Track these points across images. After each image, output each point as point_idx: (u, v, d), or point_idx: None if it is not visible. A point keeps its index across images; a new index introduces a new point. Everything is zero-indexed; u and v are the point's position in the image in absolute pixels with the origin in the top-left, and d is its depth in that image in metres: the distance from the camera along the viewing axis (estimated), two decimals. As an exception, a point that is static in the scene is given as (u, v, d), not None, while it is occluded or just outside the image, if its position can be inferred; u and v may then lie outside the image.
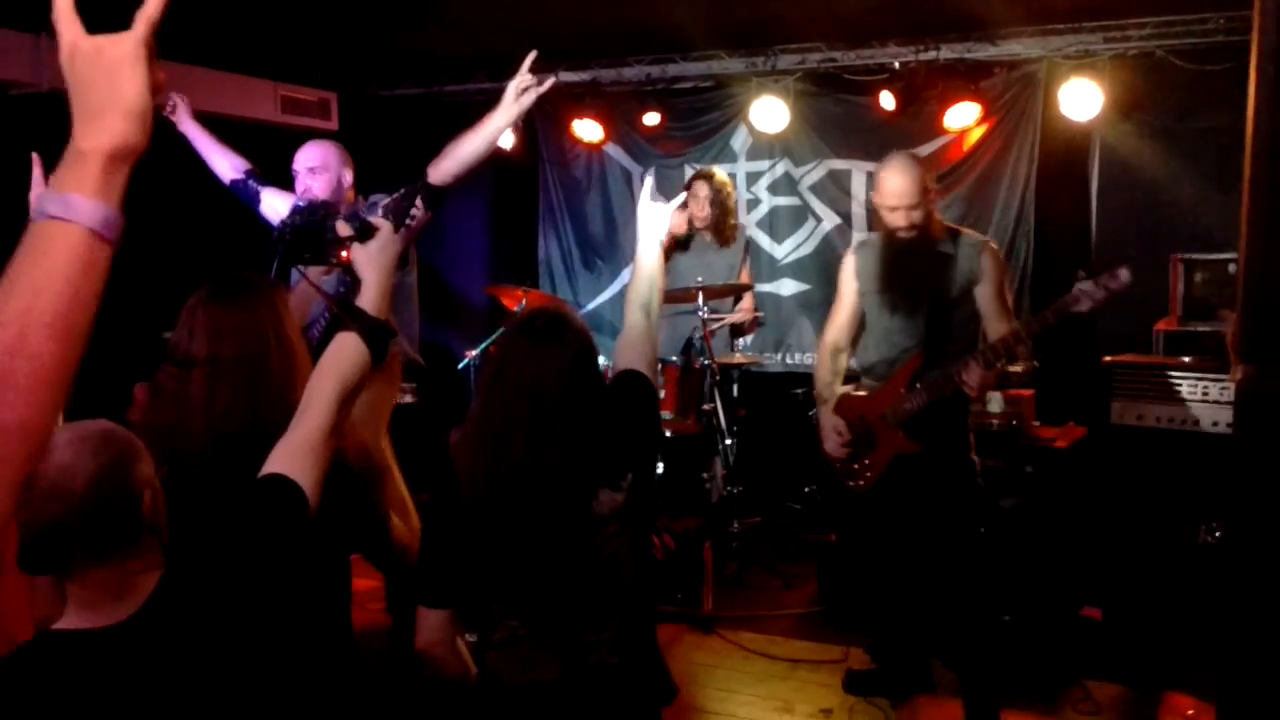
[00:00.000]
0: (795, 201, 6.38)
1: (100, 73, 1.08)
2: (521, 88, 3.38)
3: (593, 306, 6.96)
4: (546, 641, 2.17)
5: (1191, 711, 3.51)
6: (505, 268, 7.20)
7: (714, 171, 5.87)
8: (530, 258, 7.19)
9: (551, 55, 5.51)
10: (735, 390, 5.76)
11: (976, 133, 5.82)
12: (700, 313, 5.29)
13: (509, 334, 2.26)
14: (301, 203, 3.74)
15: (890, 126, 5.91)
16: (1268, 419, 1.63)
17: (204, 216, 4.62)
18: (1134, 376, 4.40)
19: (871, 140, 5.77)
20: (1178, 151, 5.29)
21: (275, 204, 3.93)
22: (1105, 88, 5.26)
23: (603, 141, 6.71)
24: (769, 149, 6.37)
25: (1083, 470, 4.42)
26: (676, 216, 5.81)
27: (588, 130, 6.60)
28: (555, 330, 2.20)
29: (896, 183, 3.55)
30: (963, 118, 5.72)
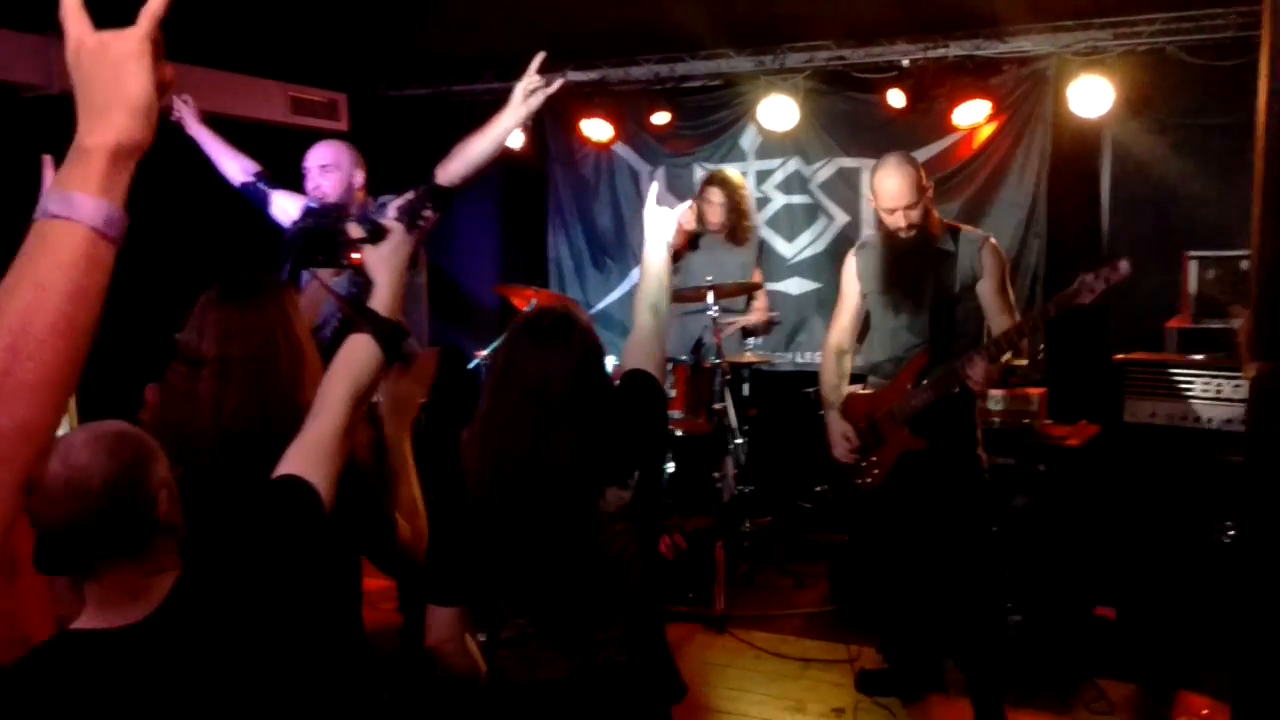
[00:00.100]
0: (806, 200, 6.37)
1: (105, 69, 1.07)
2: (530, 89, 3.38)
3: (602, 306, 6.95)
4: (555, 639, 2.17)
5: (1205, 710, 3.49)
6: (515, 267, 7.20)
7: (728, 175, 5.86)
8: (540, 257, 7.20)
9: (560, 55, 5.51)
10: (746, 389, 5.75)
11: (986, 130, 5.80)
12: (711, 312, 5.28)
13: (515, 334, 2.27)
14: (314, 203, 3.75)
15: (899, 124, 5.90)
16: (1281, 416, 1.62)
17: (216, 218, 4.63)
18: (1146, 374, 4.38)
19: (881, 138, 5.75)
20: (1189, 148, 5.27)
21: (285, 206, 3.93)
22: (1115, 84, 5.24)
23: (612, 141, 6.70)
24: (779, 147, 6.36)
25: (1095, 469, 4.41)
26: (687, 214, 5.82)
27: (596, 130, 6.60)
28: (561, 330, 2.21)
29: (893, 184, 3.57)
30: (972, 115, 5.70)
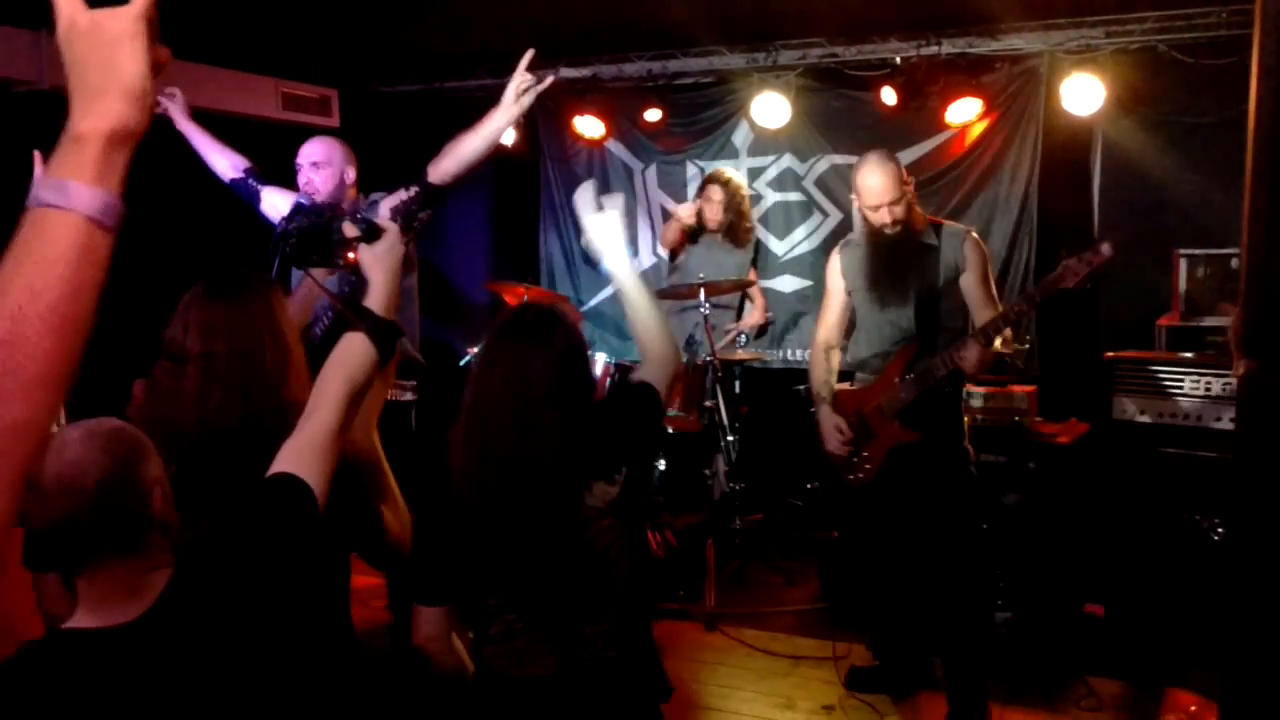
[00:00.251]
0: (799, 197, 6.37)
1: (98, 50, 1.02)
2: (522, 88, 3.38)
3: (594, 303, 6.95)
4: (542, 635, 2.17)
5: (1194, 708, 3.50)
6: (506, 264, 7.19)
7: (728, 175, 5.88)
8: (531, 254, 7.19)
9: (552, 51, 5.52)
10: (737, 387, 5.76)
11: (978, 128, 5.81)
12: (703, 309, 5.28)
13: (498, 331, 2.28)
14: (305, 200, 3.74)
15: (892, 122, 5.90)
16: (1270, 414, 1.62)
17: (205, 213, 4.62)
18: (1136, 372, 4.39)
19: (873, 136, 5.75)
20: (1180, 146, 5.28)
21: (276, 202, 3.92)
22: (1107, 82, 5.25)
23: (604, 138, 6.70)
24: (771, 145, 6.35)
25: (1085, 466, 4.42)
26: (687, 210, 5.82)
27: (589, 126, 6.59)
28: (543, 326, 2.22)
29: (875, 181, 3.61)
30: (964, 113, 5.70)
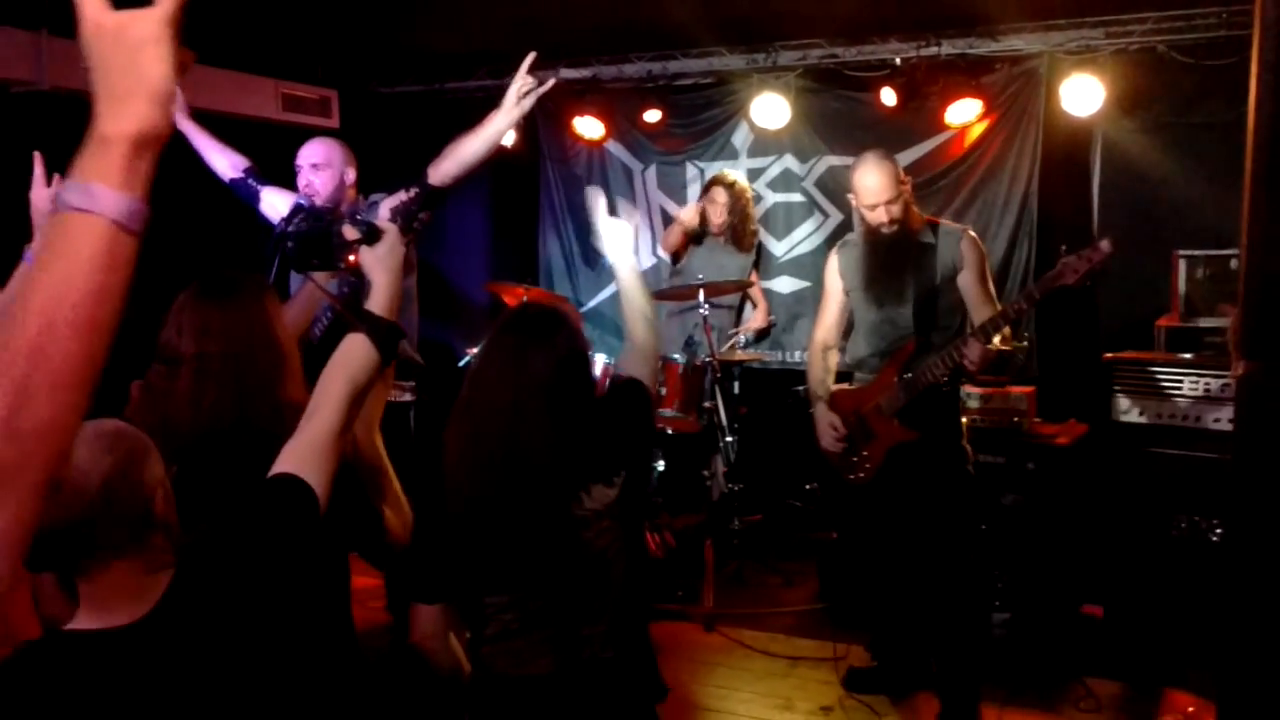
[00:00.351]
0: (798, 198, 6.36)
1: (123, 53, 1.01)
2: (523, 91, 3.38)
3: (594, 304, 6.95)
4: (540, 635, 2.17)
5: (1192, 709, 3.50)
6: (506, 265, 7.19)
7: (733, 178, 5.88)
8: (531, 255, 7.18)
9: (552, 52, 5.52)
10: (736, 388, 5.76)
11: (978, 129, 5.80)
12: (702, 310, 5.28)
13: (499, 329, 2.28)
14: (304, 201, 3.74)
15: (891, 123, 5.90)
16: (1269, 415, 1.62)
17: (205, 213, 4.62)
18: (1135, 373, 4.39)
19: (873, 137, 5.74)
20: (1179, 147, 5.28)
21: (276, 202, 3.92)
22: (1107, 83, 5.24)
23: (604, 138, 6.69)
24: (771, 145, 6.34)
25: (1084, 467, 4.42)
26: (689, 212, 5.82)
27: (588, 127, 6.58)
28: (546, 327, 2.22)
29: (872, 180, 3.63)
30: (964, 114, 5.70)
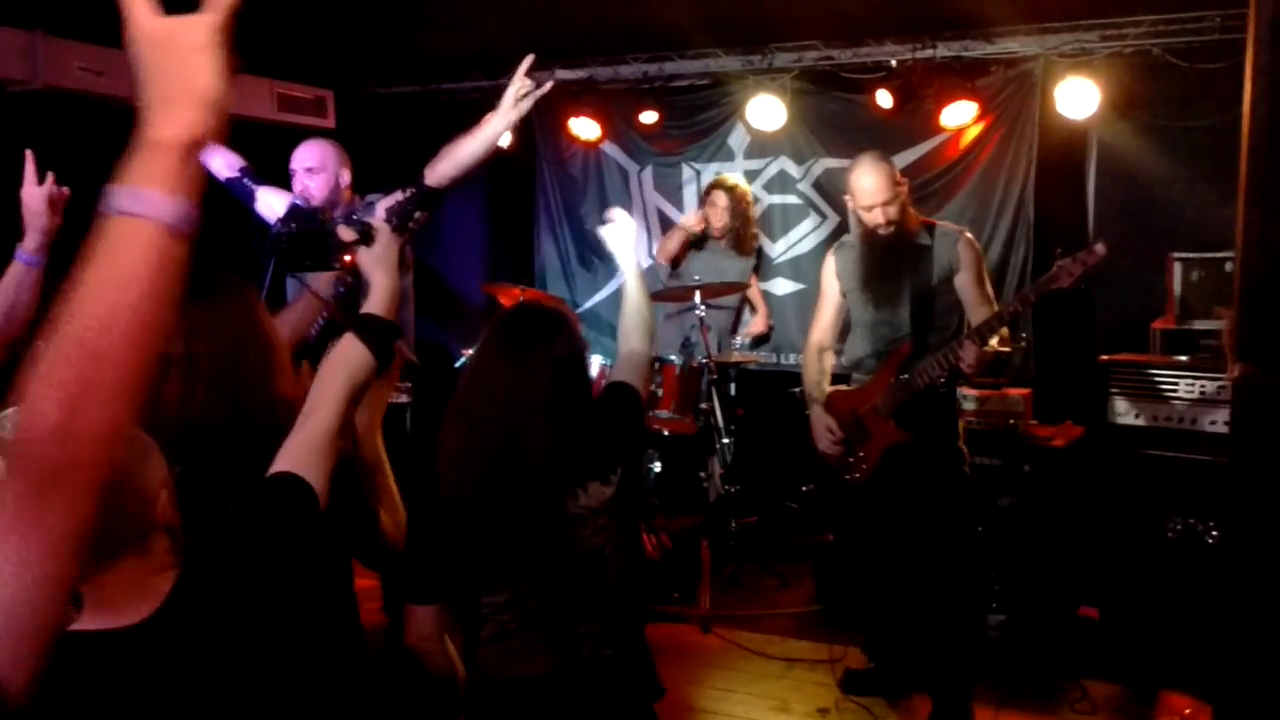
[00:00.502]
0: (793, 200, 6.37)
1: (172, 60, 1.01)
2: (521, 93, 3.38)
3: (590, 305, 6.95)
4: (537, 634, 2.17)
5: (1188, 710, 3.51)
6: (502, 266, 7.19)
7: (733, 182, 5.88)
8: (527, 256, 7.18)
9: (548, 53, 5.51)
10: (733, 389, 5.76)
11: (973, 131, 5.81)
12: (698, 311, 5.28)
13: (497, 327, 2.29)
14: (300, 201, 3.73)
15: (887, 125, 5.90)
16: (1264, 417, 1.63)
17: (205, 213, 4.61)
18: (1131, 375, 4.39)
19: (869, 138, 5.75)
20: (1174, 150, 5.29)
21: (271, 202, 3.91)
22: (1102, 86, 5.25)
23: (600, 140, 6.69)
24: (767, 147, 6.35)
25: (1080, 469, 4.42)
26: (693, 219, 5.82)
27: (585, 129, 6.58)
28: (544, 327, 2.22)
29: (869, 181, 3.64)
30: (960, 116, 5.71)
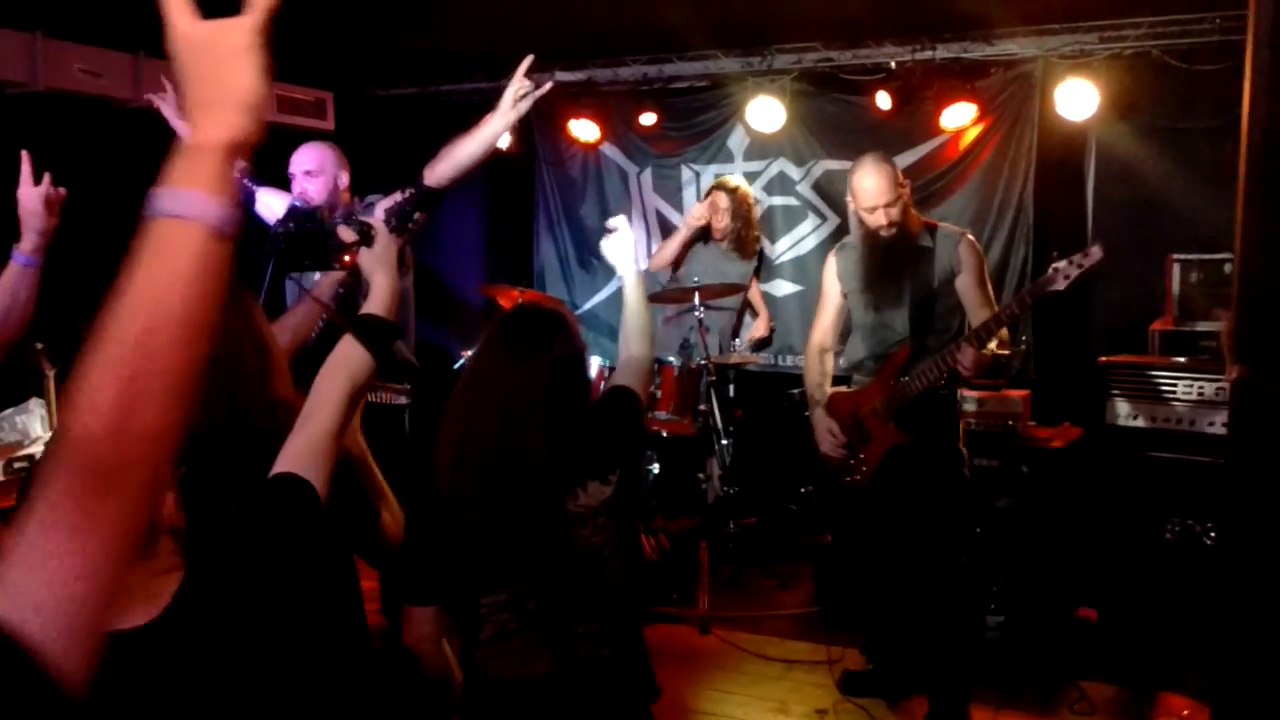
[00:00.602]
0: (793, 201, 6.37)
1: (213, 64, 1.03)
2: (519, 94, 3.38)
3: (589, 307, 6.95)
4: (536, 635, 2.17)
5: (1186, 712, 3.51)
6: (501, 268, 7.19)
7: (735, 184, 5.87)
8: (526, 258, 7.19)
9: (547, 55, 5.51)
10: (731, 390, 5.76)
11: (973, 132, 5.81)
12: (697, 312, 5.28)
13: (497, 328, 2.29)
14: (300, 203, 3.74)
15: (886, 126, 5.91)
16: (1263, 419, 1.62)
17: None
18: (1129, 376, 4.39)
19: (868, 141, 5.75)
20: (1173, 151, 5.29)
21: (271, 203, 3.91)
22: (1101, 87, 5.26)
23: (599, 141, 6.69)
24: (766, 149, 6.36)
25: (1078, 471, 4.42)
26: (701, 212, 5.81)
27: (584, 130, 6.58)
28: (543, 328, 2.23)
29: (871, 183, 3.63)
30: (959, 117, 5.71)
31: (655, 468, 5.60)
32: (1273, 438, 1.62)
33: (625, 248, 2.73)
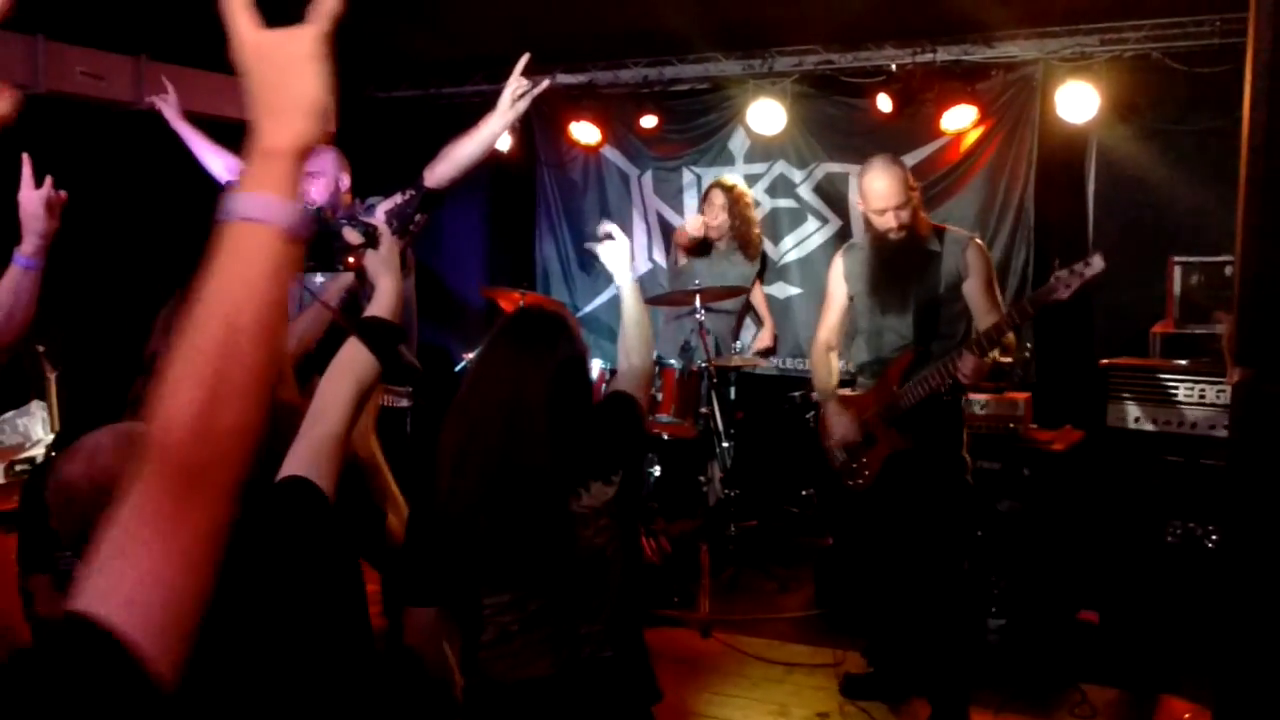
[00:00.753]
0: (793, 204, 6.38)
1: (279, 72, 1.06)
2: (518, 93, 3.38)
3: (590, 309, 6.95)
4: (539, 636, 2.17)
5: (1188, 715, 3.51)
6: (502, 270, 7.19)
7: (732, 183, 5.88)
8: (527, 260, 7.19)
9: (548, 57, 5.51)
10: (732, 393, 5.76)
11: (973, 135, 5.81)
12: (698, 315, 5.28)
13: (500, 331, 2.30)
14: (306, 205, 3.74)
15: (887, 128, 5.91)
16: (1264, 422, 1.62)
17: (201, 220, 4.61)
18: (1131, 379, 4.40)
19: (868, 143, 5.75)
20: (1174, 154, 5.29)
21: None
22: (1102, 90, 5.26)
23: (600, 144, 6.69)
24: (767, 151, 6.36)
25: (1079, 473, 4.42)
26: (696, 223, 5.81)
27: (585, 132, 6.58)
28: (546, 331, 2.24)
29: (881, 185, 3.61)
30: (960, 120, 5.71)
31: (656, 470, 5.59)
32: (1274, 440, 1.62)
33: (621, 254, 2.72)
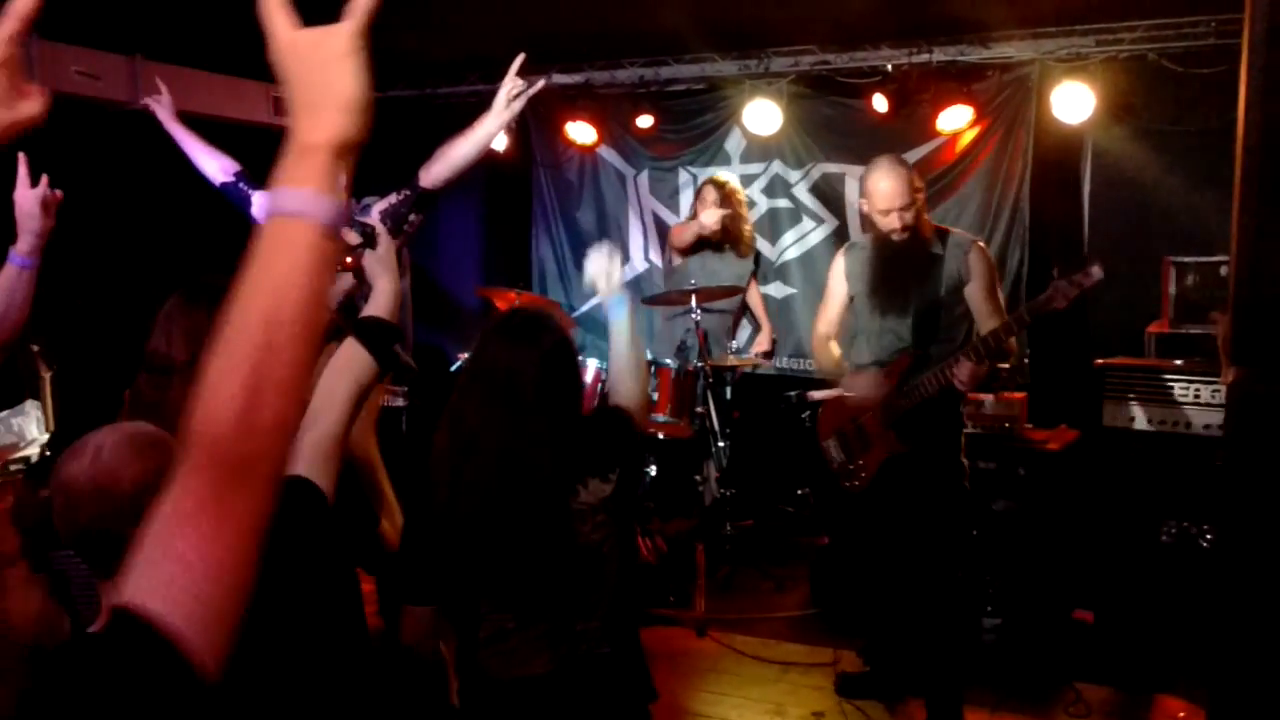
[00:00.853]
0: (789, 204, 6.38)
1: (316, 69, 1.06)
2: (513, 94, 3.38)
3: (586, 309, 6.94)
4: (535, 633, 2.18)
5: (1183, 714, 3.51)
6: (498, 270, 7.19)
7: (724, 179, 5.88)
8: (523, 260, 7.18)
9: (544, 57, 5.51)
10: (728, 393, 5.76)
11: (969, 135, 5.82)
12: (694, 314, 5.28)
13: (486, 333, 2.31)
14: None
15: (883, 129, 5.91)
16: (1259, 421, 1.63)
17: (196, 219, 4.61)
18: (1126, 379, 4.40)
19: (865, 144, 5.76)
20: (1169, 154, 5.30)
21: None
22: (1097, 90, 5.26)
23: (596, 144, 6.69)
24: (762, 151, 6.36)
25: (1075, 473, 4.43)
26: (713, 215, 5.80)
27: (581, 132, 6.58)
28: (530, 328, 2.25)
29: (887, 185, 3.59)
30: (955, 120, 5.71)
31: (652, 470, 5.59)
32: (1269, 440, 1.62)
33: (612, 274, 2.60)
